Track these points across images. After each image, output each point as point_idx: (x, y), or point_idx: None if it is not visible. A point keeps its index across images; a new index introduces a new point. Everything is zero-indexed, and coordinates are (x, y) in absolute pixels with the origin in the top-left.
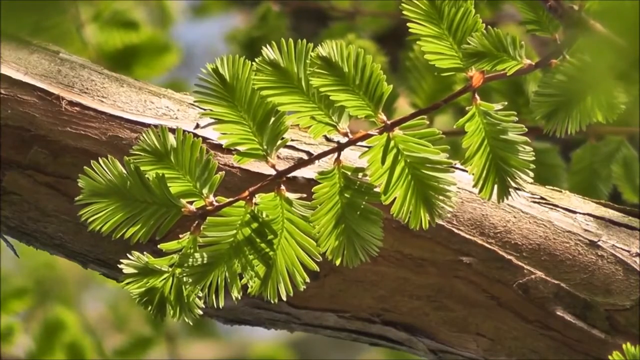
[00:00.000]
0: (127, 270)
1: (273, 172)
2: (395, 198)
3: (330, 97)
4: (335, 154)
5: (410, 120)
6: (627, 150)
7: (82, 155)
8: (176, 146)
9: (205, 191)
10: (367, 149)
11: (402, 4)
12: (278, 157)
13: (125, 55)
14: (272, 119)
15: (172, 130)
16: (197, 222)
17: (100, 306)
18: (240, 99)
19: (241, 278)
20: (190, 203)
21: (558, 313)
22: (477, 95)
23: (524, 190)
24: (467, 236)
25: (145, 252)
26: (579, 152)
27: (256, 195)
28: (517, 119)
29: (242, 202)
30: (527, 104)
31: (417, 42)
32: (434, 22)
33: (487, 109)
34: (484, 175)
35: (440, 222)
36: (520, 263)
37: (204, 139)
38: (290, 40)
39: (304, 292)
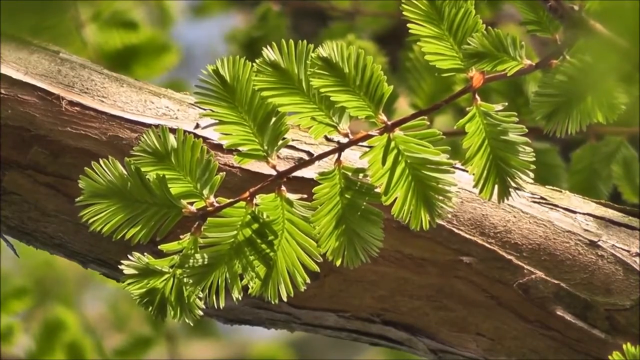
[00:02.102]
0: (127, 271)
1: (273, 172)
2: (395, 198)
3: (331, 98)
4: (336, 155)
5: (411, 120)
6: (627, 150)
7: (82, 155)
8: (177, 147)
9: (205, 192)
10: (367, 149)
11: (402, 4)
12: (278, 157)
13: (125, 55)
14: (273, 119)
15: (173, 131)
16: (197, 222)
17: (100, 306)
18: (241, 100)
19: (242, 279)
20: (191, 204)
21: (558, 313)
22: (477, 96)
23: (524, 190)
24: (467, 236)
25: (145, 253)
26: (579, 152)
27: (257, 196)
28: (517, 119)
29: (242, 203)
30: (527, 104)
31: (417, 43)
32: (434, 22)
33: (487, 110)
34: (484, 175)
35: (440, 222)
36: (520, 263)
37: (204, 139)
38: (291, 41)
39: (304, 292)
